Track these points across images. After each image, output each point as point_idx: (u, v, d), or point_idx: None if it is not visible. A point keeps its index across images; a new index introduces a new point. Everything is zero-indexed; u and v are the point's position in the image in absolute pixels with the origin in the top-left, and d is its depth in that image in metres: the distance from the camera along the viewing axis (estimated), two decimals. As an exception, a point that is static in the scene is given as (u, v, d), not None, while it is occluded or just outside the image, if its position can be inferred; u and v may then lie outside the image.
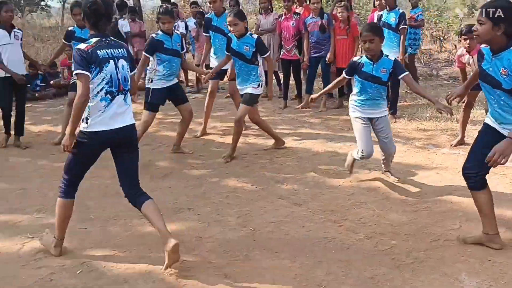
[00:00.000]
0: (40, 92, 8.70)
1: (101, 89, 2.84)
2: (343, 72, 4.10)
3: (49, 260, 3.05)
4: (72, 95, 5.01)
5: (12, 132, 5.61)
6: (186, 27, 9.05)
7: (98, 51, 2.81)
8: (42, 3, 26.54)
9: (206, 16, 6.70)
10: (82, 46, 2.84)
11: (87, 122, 2.86)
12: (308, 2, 7.32)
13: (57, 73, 8.94)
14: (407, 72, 3.92)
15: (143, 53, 4.96)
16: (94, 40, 2.86)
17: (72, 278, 2.84)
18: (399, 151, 5.04)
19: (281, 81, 7.92)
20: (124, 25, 8.66)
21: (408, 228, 3.37)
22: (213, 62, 5.95)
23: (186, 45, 9.65)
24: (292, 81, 7.62)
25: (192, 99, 8.15)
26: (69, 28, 5.86)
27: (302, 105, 7.21)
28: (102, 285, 2.77)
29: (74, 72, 2.86)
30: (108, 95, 2.86)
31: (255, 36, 4.89)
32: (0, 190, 4.27)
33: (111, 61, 2.87)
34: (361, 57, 3.97)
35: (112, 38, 2.99)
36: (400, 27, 6.27)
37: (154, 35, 4.97)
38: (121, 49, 2.97)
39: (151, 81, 4.92)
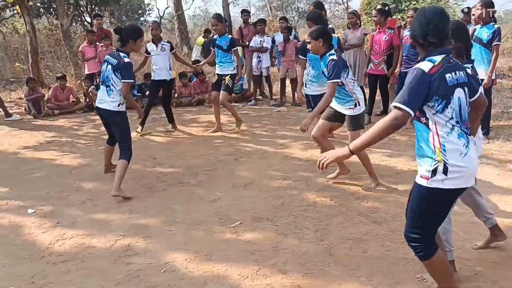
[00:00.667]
0: (136, 101, 9.35)
1: None
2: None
3: (138, 257, 3.29)
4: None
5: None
6: (273, 41, 9.26)
7: None
8: (141, 19, 28.54)
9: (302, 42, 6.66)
10: None
11: None
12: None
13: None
14: None
15: None
16: None
17: (156, 275, 3.04)
18: (491, 174, 4.75)
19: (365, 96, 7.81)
20: None
21: (496, 255, 3.16)
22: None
23: (272, 59, 9.98)
24: (378, 96, 7.47)
25: (276, 112, 8.33)
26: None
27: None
28: (183, 286, 2.93)
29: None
30: None
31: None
32: (99, 190, 4.68)
33: None
34: None
35: None
36: (493, 44, 5.85)
37: None
38: None
39: None
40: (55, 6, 16.90)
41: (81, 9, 19.54)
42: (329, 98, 4.33)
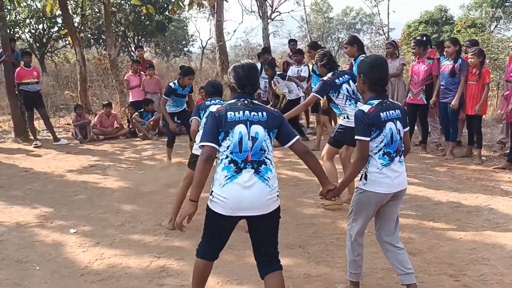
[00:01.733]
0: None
1: None
2: None
3: (171, 279, 3.38)
4: None
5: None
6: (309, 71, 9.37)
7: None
8: (185, 49, 29.55)
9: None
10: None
11: None
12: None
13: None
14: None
15: None
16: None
17: (188, 298, 3.10)
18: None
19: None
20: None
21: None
22: None
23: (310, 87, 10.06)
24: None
25: (312, 140, 8.36)
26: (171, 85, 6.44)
27: (446, 152, 6.88)
28: (214, 308, 2.97)
29: None
30: None
31: None
32: (137, 213, 4.84)
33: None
34: None
35: None
36: None
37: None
38: None
39: None
40: (104, 37, 17.83)
41: (128, 40, 20.50)
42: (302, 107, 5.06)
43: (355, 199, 2.93)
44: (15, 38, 14.11)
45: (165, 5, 18.72)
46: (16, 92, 8.59)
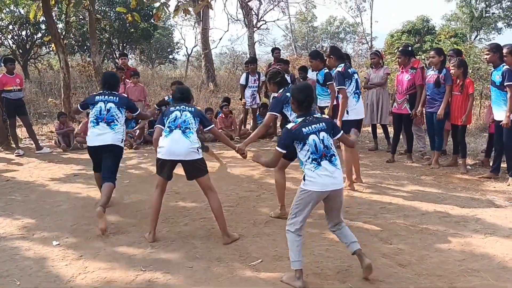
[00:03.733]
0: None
1: None
2: None
3: (157, 293, 3.28)
4: None
5: None
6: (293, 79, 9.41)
7: None
8: (170, 56, 29.44)
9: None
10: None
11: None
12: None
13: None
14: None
15: None
16: None
17: (176, 313, 3.02)
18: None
19: (389, 135, 7.82)
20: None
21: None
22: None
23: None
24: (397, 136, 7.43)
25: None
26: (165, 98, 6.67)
27: (431, 161, 6.92)
28: (202, 324, 2.89)
29: None
30: None
31: None
32: (122, 224, 4.74)
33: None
34: None
35: None
36: (505, 84, 5.78)
37: None
38: None
39: None
40: (88, 44, 17.67)
41: (113, 47, 20.34)
42: (262, 129, 4.87)
43: (297, 197, 3.45)
44: (-3, 44, 13.83)
45: (150, 12, 18.62)
46: (-2, 100, 8.39)
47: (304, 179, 3.42)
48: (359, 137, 7.95)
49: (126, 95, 9.17)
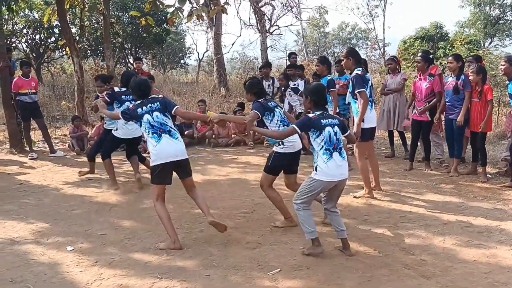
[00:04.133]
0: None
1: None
2: None
3: (174, 302, 3.20)
4: None
5: None
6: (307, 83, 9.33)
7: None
8: (182, 61, 29.50)
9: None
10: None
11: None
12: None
13: (191, 125, 9.69)
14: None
15: None
16: None
17: (194, 323, 2.93)
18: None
19: (406, 141, 7.70)
20: None
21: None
22: None
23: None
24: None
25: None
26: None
27: (450, 169, 6.75)
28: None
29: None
30: None
31: None
32: (137, 229, 4.67)
33: None
34: None
35: None
36: None
37: None
38: None
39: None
40: (101, 48, 17.73)
41: (126, 51, 20.41)
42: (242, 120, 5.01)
43: (308, 184, 3.89)
44: (12, 48, 13.93)
45: (163, 17, 18.67)
46: (12, 102, 8.42)
47: (316, 170, 3.84)
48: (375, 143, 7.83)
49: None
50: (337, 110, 7.12)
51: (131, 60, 20.04)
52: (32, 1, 16.73)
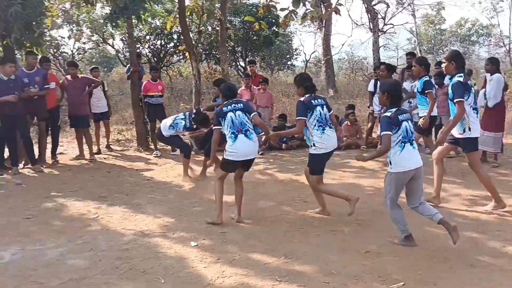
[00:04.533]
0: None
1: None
2: None
3: (295, 306, 3.20)
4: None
5: None
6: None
7: None
8: (289, 62, 29.75)
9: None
10: None
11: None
12: None
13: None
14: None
15: None
16: None
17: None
18: None
19: None
20: None
21: None
22: None
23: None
24: None
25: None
26: None
27: None
28: None
29: None
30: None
31: None
32: (256, 230, 4.79)
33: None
34: None
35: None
36: None
37: None
38: None
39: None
40: (214, 52, 18.60)
41: (237, 54, 21.17)
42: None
43: (390, 180, 4.18)
44: (141, 54, 15.20)
45: (273, 20, 19.00)
46: (140, 104, 9.20)
47: (390, 163, 4.13)
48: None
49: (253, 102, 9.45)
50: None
51: (241, 63, 20.75)
52: (155, 9, 18.10)
